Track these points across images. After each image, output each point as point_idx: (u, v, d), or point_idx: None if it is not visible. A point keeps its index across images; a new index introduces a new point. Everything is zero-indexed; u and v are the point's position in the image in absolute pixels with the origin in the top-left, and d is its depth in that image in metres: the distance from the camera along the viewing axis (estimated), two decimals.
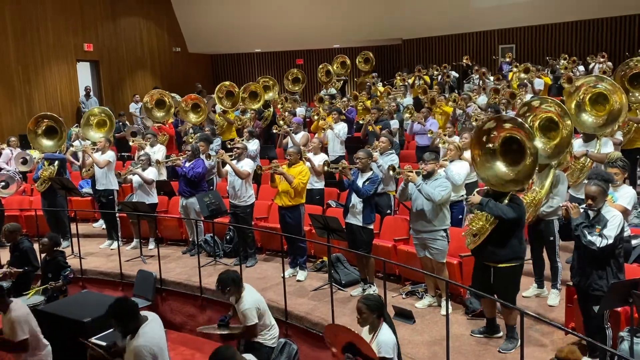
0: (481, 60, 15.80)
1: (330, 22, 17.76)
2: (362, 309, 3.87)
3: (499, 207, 4.54)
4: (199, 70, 19.98)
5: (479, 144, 4.71)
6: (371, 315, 3.87)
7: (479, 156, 4.72)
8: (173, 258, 7.79)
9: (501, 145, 4.64)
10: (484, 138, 4.69)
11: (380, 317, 3.90)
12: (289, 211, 6.57)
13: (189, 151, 7.77)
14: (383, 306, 3.97)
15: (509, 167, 4.61)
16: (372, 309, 3.87)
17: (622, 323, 4.32)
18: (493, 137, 4.65)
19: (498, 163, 4.66)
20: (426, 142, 9.01)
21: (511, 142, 4.60)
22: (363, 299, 3.94)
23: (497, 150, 4.65)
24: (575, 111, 5.88)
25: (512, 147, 4.59)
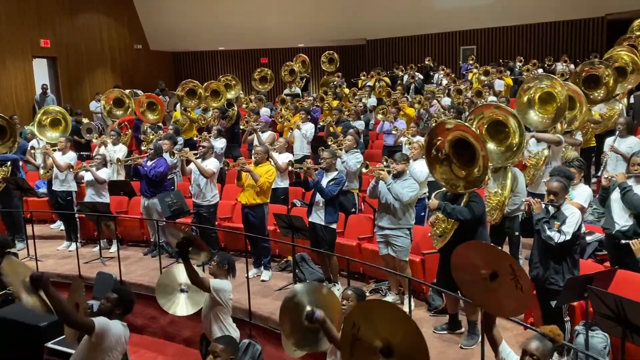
0: (443, 62, 16.05)
1: (294, 21, 17.75)
2: (350, 297, 3.82)
3: (455, 210, 4.63)
4: (161, 68, 19.65)
5: (430, 154, 4.79)
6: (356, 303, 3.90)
7: (434, 163, 4.80)
8: (134, 260, 7.62)
9: (452, 148, 4.71)
10: (432, 148, 4.76)
11: None
12: (252, 210, 6.51)
13: (151, 150, 7.63)
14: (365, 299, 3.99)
15: (462, 169, 4.70)
16: (358, 300, 3.87)
17: (577, 317, 4.46)
18: (441, 143, 4.71)
19: (452, 166, 4.74)
20: (392, 142, 9.11)
21: (460, 144, 4.67)
22: (353, 288, 3.96)
23: (450, 155, 4.73)
24: (524, 107, 6.01)
25: (463, 148, 4.67)
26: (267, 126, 9.40)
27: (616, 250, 4.99)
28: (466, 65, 14.99)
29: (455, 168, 4.72)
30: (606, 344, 4.09)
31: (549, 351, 2.85)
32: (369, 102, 12.34)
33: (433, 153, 4.75)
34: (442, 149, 4.71)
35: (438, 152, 4.73)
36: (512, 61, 14.13)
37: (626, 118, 7.06)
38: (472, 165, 4.59)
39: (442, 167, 4.74)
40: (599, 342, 4.08)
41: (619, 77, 7.24)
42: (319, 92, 13.13)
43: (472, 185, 4.66)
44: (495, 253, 3.19)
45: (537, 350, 2.82)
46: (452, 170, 4.73)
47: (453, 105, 9.86)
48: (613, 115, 7.48)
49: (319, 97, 12.18)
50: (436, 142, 4.71)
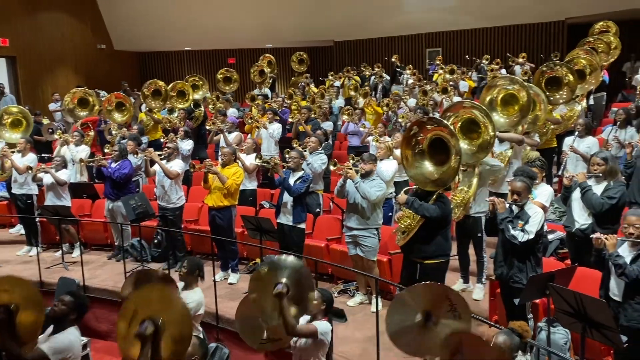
0: (410, 63, 16.19)
1: (262, 21, 17.65)
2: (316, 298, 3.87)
3: (423, 206, 4.67)
4: (125, 68, 19.24)
5: (409, 145, 4.82)
6: (320, 305, 3.90)
7: (410, 156, 4.83)
8: (98, 264, 7.46)
9: (429, 146, 4.77)
10: (412, 140, 4.80)
11: (325, 313, 3.94)
12: (219, 212, 6.44)
13: (116, 151, 7.47)
14: (332, 306, 4.01)
15: (436, 168, 4.75)
16: (325, 300, 3.92)
17: (540, 314, 4.56)
18: (421, 139, 4.77)
19: (426, 163, 4.79)
20: (358, 142, 9.15)
21: (438, 143, 4.73)
22: (321, 289, 3.99)
23: (426, 151, 4.78)
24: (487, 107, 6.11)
25: (439, 148, 4.72)
26: (234, 127, 9.32)
27: (577, 247, 5.13)
28: (434, 66, 15.19)
29: (428, 165, 4.77)
30: (567, 339, 4.19)
31: (515, 345, 2.91)
32: (336, 103, 12.36)
33: (412, 144, 4.78)
34: (421, 143, 4.76)
35: (416, 145, 4.78)
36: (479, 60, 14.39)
37: (585, 119, 7.28)
38: (444, 166, 4.65)
39: (416, 161, 4.79)
40: (560, 338, 4.18)
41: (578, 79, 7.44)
42: (287, 91, 13.09)
43: (440, 185, 4.72)
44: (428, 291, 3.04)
45: (503, 344, 2.89)
46: (424, 167, 4.78)
47: (419, 106, 9.97)
48: (573, 116, 7.68)
49: (287, 94, 12.15)
50: (417, 134, 4.75)
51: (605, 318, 3.32)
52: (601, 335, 3.38)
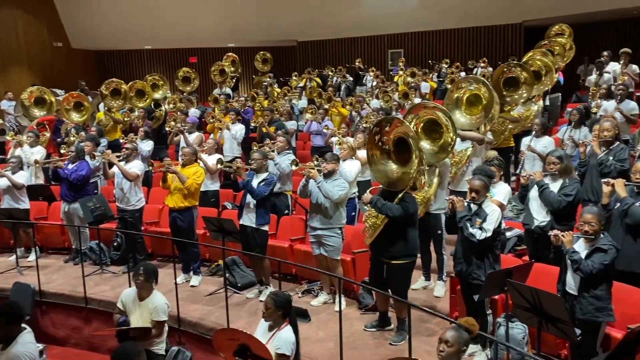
0: (372, 64, 16.33)
1: (224, 20, 17.49)
2: (268, 304, 3.86)
3: (386, 205, 4.72)
4: (83, 67, 18.74)
5: (375, 145, 4.87)
6: (276, 312, 3.86)
7: (376, 155, 4.87)
8: (55, 268, 7.24)
9: (394, 146, 4.81)
10: (377, 139, 4.84)
11: (285, 316, 3.90)
12: (180, 214, 6.34)
13: (73, 152, 7.26)
14: (290, 307, 3.96)
15: (399, 167, 4.79)
16: (277, 306, 3.86)
17: (499, 309, 4.65)
18: (386, 140, 4.82)
19: (390, 163, 4.84)
20: (321, 142, 9.15)
21: (401, 143, 4.78)
22: (273, 294, 3.95)
23: (391, 151, 4.83)
24: (452, 106, 6.22)
25: (403, 148, 4.77)
26: (194, 127, 9.19)
27: (535, 244, 5.27)
28: (396, 68, 15.36)
29: (392, 164, 4.82)
30: (525, 334, 4.29)
31: (463, 341, 3.00)
32: (299, 103, 12.34)
33: (378, 143, 4.82)
34: (386, 144, 4.80)
35: (382, 145, 4.81)
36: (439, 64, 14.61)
37: (541, 119, 7.47)
38: (406, 166, 4.69)
39: (383, 159, 4.83)
40: (518, 333, 4.27)
41: (534, 80, 7.64)
42: (250, 92, 12.99)
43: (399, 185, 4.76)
44: None
45: (451, 338, 2.99)
46: (389, 166, 4.82)
47: (382, 108, 10.05)
48: (529, 116, 7.88)
49: (250, 96, 12.06)
50: (380, 133, 4.79)
51: (560, 312, 3.42)
52: (556, 329, 3.48)
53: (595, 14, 13.73)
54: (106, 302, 6.20)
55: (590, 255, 3.88)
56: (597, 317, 3.86)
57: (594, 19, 14.58)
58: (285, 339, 3.80)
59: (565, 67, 10.60)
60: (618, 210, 4.49)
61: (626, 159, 5.57)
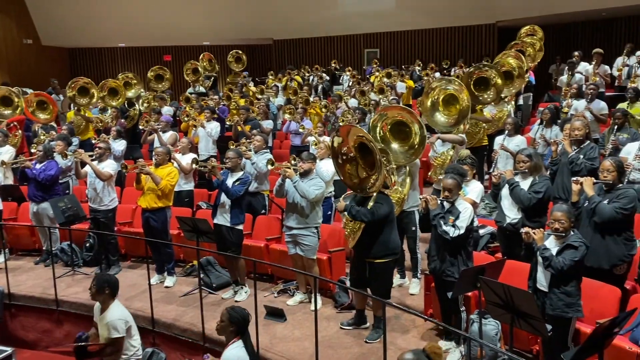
0: (348, 64, 16.38)
1: (199, 18, 17.32)
2: (223, 317, 3.82)
3: (360, 212, 4.77)
4: (54, 65, 18.35)
5: (337, 159, 4.92)
6: (229, 327, 3.80)
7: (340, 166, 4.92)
8: (24, 270, 7.10)
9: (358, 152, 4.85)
10: (338, 156, 4.90)
11: (237, 334, 3.82)
12: (153, 214, 6.26)
13: (41, 152, 7.11)
14: (245, 325, 3.87)
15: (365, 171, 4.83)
16: (232, 321, 3.80)
17: (472, 306, 4.71)
18: (347, 150, 4.85)
19: (358, 168, 4.87)
20: (300, 142, 9.12)
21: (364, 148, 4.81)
22: (230, 308, 3.88)
23: (357, 157, 4.85)
24: (430, 111, 6.29)
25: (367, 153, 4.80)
26: (169, 126, 9.08)
27: (507, 241, 5.34)
28: (370, 68, 15.40)
29: (360, 170, 4.85)
30: (497, 330, 4.35)
31: None
32: (276, 101, 12.30)
33: (340, 155, 4.86)
34: (349, 153, 4.83)
35: (345, 155, 4.86)
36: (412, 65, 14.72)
37: (514, 118, 7.58)
38: (374, 169, 4.72)
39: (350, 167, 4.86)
40: (491, 329, 4.33)
41: (506, 80, 7.75)
42: (225, 90, 12.88)
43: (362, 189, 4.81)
44: None
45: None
46: (357, 172, 4.86)
47: (358, 107, 10.08)
48: (502, 116, 7.98)
49: (225, 95, 11.97)
50: (342, 145, 4.83)
51: (531, 308, 3.47)
52: (528, 325, 3.52)
53: (567, 14, 13.99)
54: (78, 304, 6.09)
55: (560, 252, 3.95)
56: (567, 312, 3.93)
57: (565, 19, 14.86)
58: (227, 357, 3.75)
59: (536, 67, 10.79)
60: (587, 208, 4.58)
61: (596, 158, 5.69)
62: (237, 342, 3.80)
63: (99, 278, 4.49)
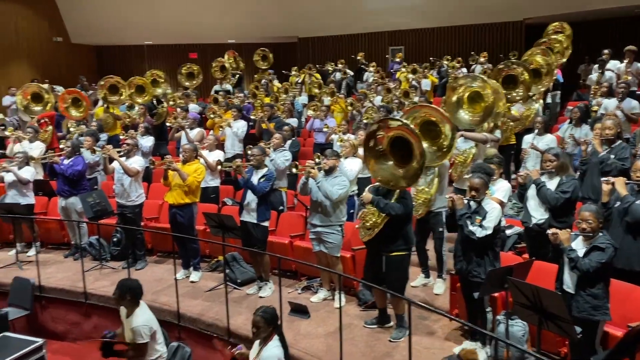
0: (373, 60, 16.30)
1: (225, 16, 17.45)
2: (259, 323, 3.86)
3: (389, 205, 4.73)
4: (83, 62, 18.71)
5: (368, 148, 4.85)
6: (267, 329, 3.87)
7: (370, 158, 4.85)
8: (54, 263, 7.24)
9: (390, 146, 4.79)
10: (371, 142, 4.81)
11: (274, 330, 3.90)
12: (180, 210, 6.33)
13: (69, 147, 7.25)
14: (277, 320, 3.97)
15: (399, 167, 4.78)
16: (268, 322, 3.87)
17: (498, 307, 4.66)
18: (380, 138, 4.79)
19: (389, 163, 4.81)
20: (324, 139, 9.12)
21: (399, 142, 4.75)
22: (261, 312, 3.93)
23: (387, 151, 4.80)
24: (454, 107, 6.20)
25: (400, 147, 4.74)
26: (196, 123, 9.17)
27: (534, 242, 5.27)
28: (393, 63, 15.31)
29: (390, 164, 4.80)
30: (525, 331, 4.30)
31: None
32: (300, 99, 12.32)
33: (371, 145, 4.80)
34: (380, 144, 4.78)
35: (376, 145, 4.79)
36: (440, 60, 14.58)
37: (543, 117, 7.45)
38: (408, 165, 4.68)
39: (378, 161, 4.81)
40: (518, 331, 4.29)
41: (534, 78, 7.62)
42: (250, 88, 12.96)
43: (407, 183, 4.75)
44: None
45: None
46: (387, 166, 4.81)
47: (383, 105, 10.02)
48: (530, 114, 7.87)
49: (250, 93, 12.04)
50: (377, 135, 4.77)
51: (560, 310, 3.42)
52: (556, 326, 3.48)
53: (597, 12, 13.71)
54: (106, 297, 6.20)
55: (587, 253, 3.88)
56: (593, 315, 3.86)
57: (595, 16, 14.56)
58: (269, 357, 3.80)
59: (564, 65, 10.59)
60: (618, 208, 4.49)
61: (627, 158, 5.56)
62: (274, 340, 3.87)
63: (121, 285, 4.53)
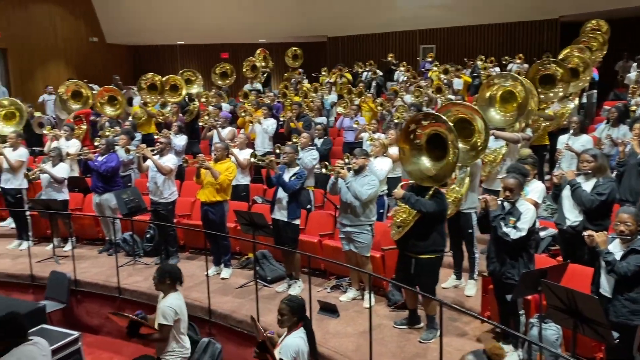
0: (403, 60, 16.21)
1: (255, 16, 17.60)
2: (283, 310, 3.84)
3: (420, 202, 4.68)
4: (117, 62, 19.13)
5: (407, 139, 4.82)
6: (292, 318, 3.84)
7: (407, 150, 4.82)
8: (89, 258, 7.41)
9: (426, 142, 4.77)
10: (410, 134, 4.79)
11: (299, 321, 3.86)
12: (211, 207, 6.42)
13: (103, 145, 7.42)
14: (304, 311, 3.93)
15: (433, 163, 4.75)
16: (293, 311, 3.84)
17: (532, 310, 4.58)
18: (419, 134, 4.77)
19: (423, 159, 4.79)
20: (353, 138, 9.11)
21: (436, 139, 4.72)
22: (287, 300, 3.91)
23: (423, 147, 4.78)
24: (486, 104, 6.11)
25: (436, 144, 4.71)
26: (227, 122, 9.28)
27: (568, 244, 5.17)
28: (424, 62, 15.18)
29: (425, 160, 4.77)
30: (558, 335, 4.22)
31: None
32: (329, 98, 12.32)
33: (410, 138, 4.77)
34: (418, 139, 4.75)
35: (414, 140, 4.76)
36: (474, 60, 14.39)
37: (579, 117, 7.29)
38: (442, 162, 4.64)
39: (414, 156, 4.78)
40: (552, 334, 4.21)
41: (571, 77, 7.47)
42: (280, 87, 13.04)
43: (437, 181, 4.72)
44: None
45: None
46: (422, 162, 4.78)
47: (414, 103, 9.96)
48: (565, 113, 7.71)
49: (281, 93, 12.11)
50: (415, 130, 4.75)
51: (597, 314, 3.35)
52: (592, 331, 3.40)
53: (635, 9, 13.33)
54: (139, 292, 6.33)
55: (625, 256, 3.79)
56: (632, 320, 3.76)
57: (633, 14, 14.15)
58: (288, 345, 3.77)
59: (600, 63, 10.34)
60: None
61: None
62: (299, 331, 3.84)
63: (161, 268, 4.59)
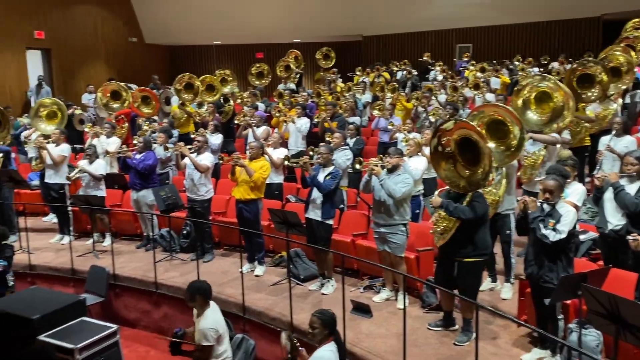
0: (439, 59, 16.04)
1: (290, 16, 17.70)
2: (315, 323, 3.86)
3: (458, 209, 4.63)
4: (156, 61, 19.51)
5: (435, 151, 4.77)
6: (323, 331, 3.85)
7: (436, 159, 4.78)
8: (127, 253, 7.59)
9: (457, 147, 4.70)
10: (438, 146, 4.73)
11: (330, 334, 3.87)
12: (246, 205, 6.48)
13: (141, 143, 7.59)
14: (335, 324, 3.93)
15: (466, 168, 4.68)
16: (325, 324, 3.85)
17: (570, 315, 4.47)
18: (446, 142, 4.70)
19: (456, 165, 4.71)
20: (388, 139, 9.06)
21: (466, 143, 4.65)
22: (318, 313, 3.93)
23: (455, 153, 4.71)
24: (521, 108, 5.99)
25: (468, 148, 4.64)
26: (262, 121, 9.36)
27: (610, 248, 5.02)
28: (460, 62, 14.99)
29: (459, 167, 4.71)
30: (599, 341, 4.11)
31: None
32: (363, 98, 12.29)
33: (439, 150, 4.73)
34: (447, 146, 4.70)
35: (443, 149, 4.72)
36: (508, 60, 14.12)
37: (622, 118, 7.08)
38: (476, 166, 4.57)
39: (447, 164, 4.73)
40: (592, 340, 4.10)
41: (613, 77, 7.25)
42: (314, 87, 13.09)
43: (474, 186, 4.65)
44: None
45: None
46: (456, 169, 4.72)
47: (450, 102, 9.84)
48: (607, 115, 7.49)
49: (315, 93, 12.14)
50: (442, 139, 4.70)
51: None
52: (636, 338, 3.30)
53: None
54: (175, 287, 6.44)
55: None
56: None
57: None
58: (318, 357, 3.78)
59: None
60: None
61: None
62: (330, 344, 3.84)
63: (190, 287, 4.73)
